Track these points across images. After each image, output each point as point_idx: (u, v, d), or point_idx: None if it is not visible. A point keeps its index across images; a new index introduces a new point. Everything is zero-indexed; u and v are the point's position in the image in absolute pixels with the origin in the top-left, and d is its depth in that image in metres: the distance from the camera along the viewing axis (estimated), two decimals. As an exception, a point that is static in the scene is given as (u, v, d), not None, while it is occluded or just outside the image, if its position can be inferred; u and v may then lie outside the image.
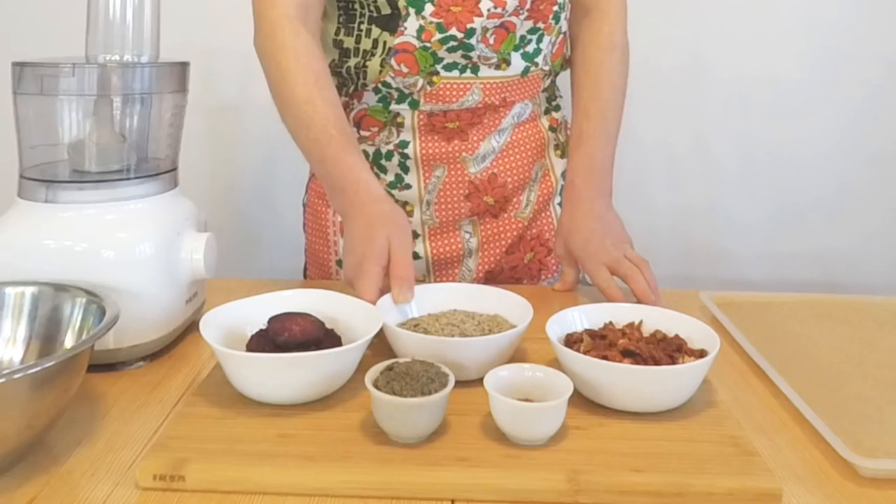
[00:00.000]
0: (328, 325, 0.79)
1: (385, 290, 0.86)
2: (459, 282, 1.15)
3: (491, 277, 1.17)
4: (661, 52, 1.60)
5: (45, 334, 0.77)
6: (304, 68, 0.98)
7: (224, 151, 1.69)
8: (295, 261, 1.72)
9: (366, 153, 1.12)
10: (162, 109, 0.92)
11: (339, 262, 1.17)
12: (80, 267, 0.80)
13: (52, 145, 0.87)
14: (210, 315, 0.78)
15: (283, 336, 0.74)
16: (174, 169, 0.93)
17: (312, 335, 0.75)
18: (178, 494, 0.63)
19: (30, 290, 0.78)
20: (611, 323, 0.84)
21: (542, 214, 1.18)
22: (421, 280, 1.16)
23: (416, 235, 1.13)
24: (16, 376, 0.60)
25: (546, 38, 1.10)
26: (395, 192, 1.12)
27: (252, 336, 0.78)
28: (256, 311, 0.80)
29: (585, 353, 0.75)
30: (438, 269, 1.15)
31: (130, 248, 0.82)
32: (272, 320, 0.76)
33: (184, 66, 0.94)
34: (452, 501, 0.63)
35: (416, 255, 1.13)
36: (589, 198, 1.08)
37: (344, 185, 0.94)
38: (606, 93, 1.11)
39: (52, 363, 0.62)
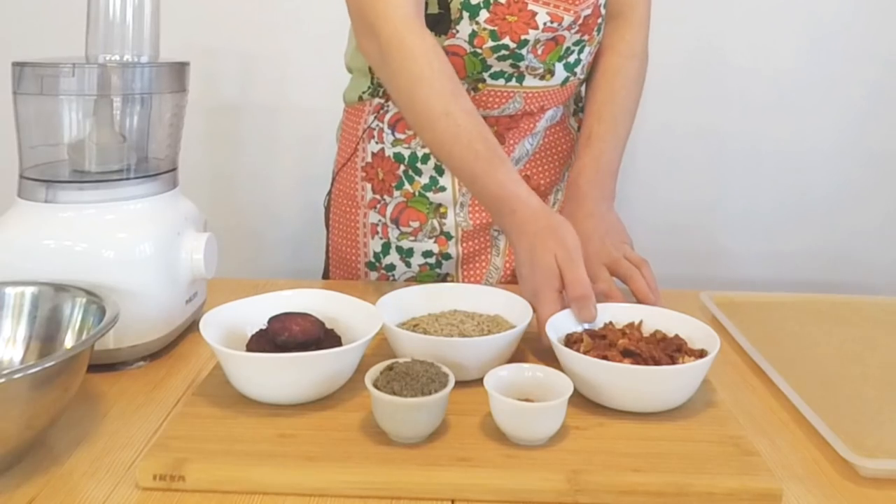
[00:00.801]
0: (328, 325, 0.79)
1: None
2: (487, 279, 1.15)
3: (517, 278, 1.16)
4: (663, 51, 1.59)
5: (45, 334, 0.77)
6: (438, 76, 0.91)
7: (224, 151, 1.69)
8: (296, 261, 1.73)
9: (401, 156, 1.12)
10: (162, 109, 0.92)
11: (370, 265, 1.16)
12: (80, 267, 0.80)
13: (52, 145, 0.87)
14: (210, 315, 0.78)
15: (283, 336, 0.74)
16: (174, 169, 0.93)
17: (312, 335, 0.75)
18: (178, 494, 0.63)
19: (30, 290, 0.78)
20: (611, 323, 0.84)
21: None
22: (450, 281, 1.16)
23: (449, 237, 1.13)
24: (16, 376, 0.60)
25: (587, 49, 1.10)
26: (429, 194, 1.12)
27: (252, 336, 0.78)
28: (256, 311, 0.80)
29: (585, 353, 0.75)
30: (467, 266, 1.15)
31: (130, 248, 0.82)
32: (272, 320, 0.76)
33: (184, 66, 0.94)
34: (452, 501, 0.63)
35: (447, 256, 1.14)
36: (592, 199, 1.08)
37: (499, 205, 0.90)
38: (621, 98, 1.11)
39: (52, 363, 0.62)
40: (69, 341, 0.76)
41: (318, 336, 0.76)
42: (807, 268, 1.73)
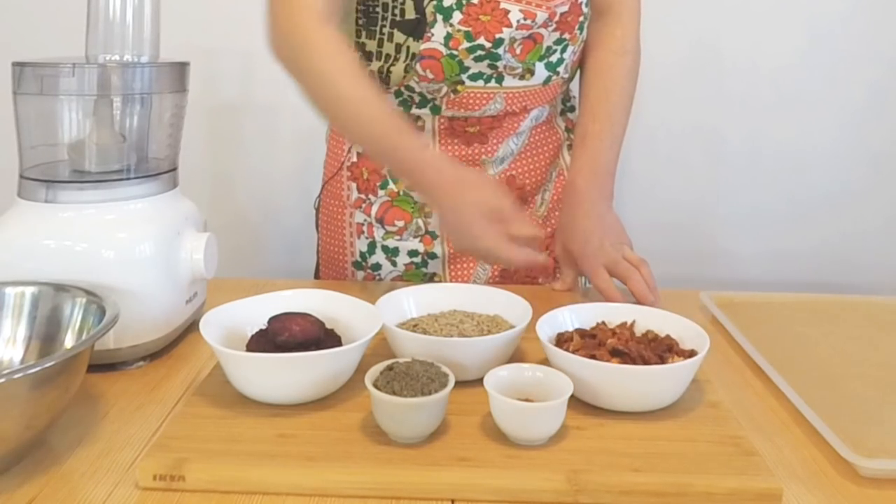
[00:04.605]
0: (328, 325, 0.79)
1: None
2: (475, 279, 1.15)
3: (507, 276, 1.17)
4: (662, 50, 1.59)
5: (45, 334, 0.77)
6: (340, 66, 0.96)
7: (224, 151, 1.69)
8: (295, 261, 1.72)
9: None
10: (162, 109, 0.92)
11: (356, 264, 1.17)
12: (80, 267, 0.80)
13: (52, 145, 0.88)
14: (210, 315, 0.78)
15: (283, 336, 0.74)
16: (174, 169, 0.93)
17: (312, 335, 0.75)
18: (178, 494, 0.63)
19: (30, 290, 0.78)
20: (603, 323, 0.84)
21: (556, 213, 1.18)
22: (437, 281, 1.16)
23: (434, 236, 1.14)
24: (16, 376, 0.60)
25: (570, 48, 1.10)
26: (414, 193, 1.12)
27: (252, 336, 0.78)
28: (256, 311, 0.80)
29: (574, 351, 0.75)
30: (454, 267, 1.16)
31: (130, 248, 0.83)
32: (272, 320, 0.76)
33: (184, 66, 0.94)
34: (452, 501, 0.63)
35: (433, 255, 1.14)
36: (590, 199, 1.08)
37: (412, 168, 0.94)
38: (615, 96, 1.11)
39: (52, 363, 0.62)
40: (69, 341, 0.76)
41: (317, 336, 0.76)
42: (807, 268, 1.73)
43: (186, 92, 0.95)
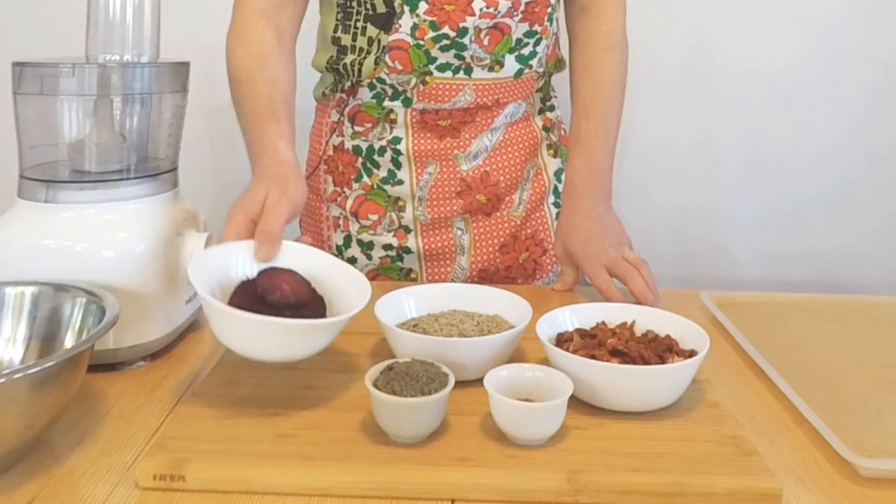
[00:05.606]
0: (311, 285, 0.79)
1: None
2: (452, 280, 1.16)
3: (485, 276, 1.17)
4: (662, 52, 1.60)
5: (45, 334, 0.77)
6: (249, 55, 1.00)
7: (224, 151, 1.69)
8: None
9: (359, 148, 1.13)
10: (162, 109, 0.92)
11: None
12: (80, 267, 0.80)
13: (52, 145, 0.87)
14: (199, 261, 0.77)
15: (273, 295, 0.74)
16: (174, 169, 0.93)
17: (303, 297, 0.75)
18: (178, 494, 0.63)
19: (30, 290, 0.78)
20: (603, 323, 0.84)
21: (536, 214, 1.19)
22: (413, 277, 1.17)
23: (408, 230, 1.14)
24: (16, 376, 0.60)
25: (543, 42, 1.10)
26: (387, 187, 1.13)
27: (238, 286, 0.76)
28: (242, 258, 0.79)
29: (574, 352, 0.76)
30: (431, 264, 1.16)
31: (130, 248, 0.82)
32: (261, 275, 0.76)
33: (184, 66, 0.94)
34: (452, 501, 0.63)
35: (407, 250, 1.14)
36: (589, 199, 1.08)
37: (255, 151, 0.95)
38: (606, 92, 1.11)
39: (52, 363, 0.62)
40: (69, 341, 0.76)
41: (308, 298, 0.76)
42: (807, 268, 1.73)
43: (186, 92, 0.95)
